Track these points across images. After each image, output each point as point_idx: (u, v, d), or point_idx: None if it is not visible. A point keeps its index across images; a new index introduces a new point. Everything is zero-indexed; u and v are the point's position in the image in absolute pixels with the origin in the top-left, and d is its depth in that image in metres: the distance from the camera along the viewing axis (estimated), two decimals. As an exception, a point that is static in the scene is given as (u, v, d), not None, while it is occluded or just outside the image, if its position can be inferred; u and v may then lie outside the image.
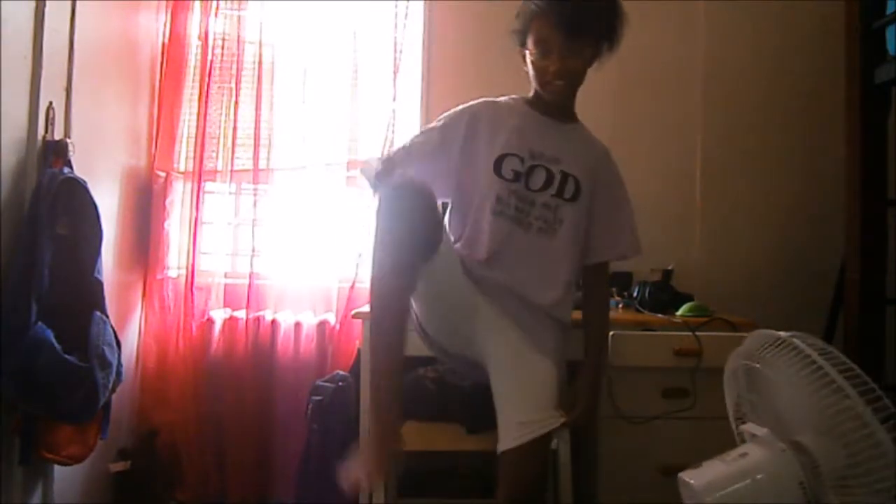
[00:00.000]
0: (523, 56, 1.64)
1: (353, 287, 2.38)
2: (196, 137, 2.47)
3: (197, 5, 2.51)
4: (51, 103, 1.82)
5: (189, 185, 2.48)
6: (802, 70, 2.56)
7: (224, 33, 2.50)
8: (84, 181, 1.84)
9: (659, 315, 2.07)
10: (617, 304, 2.24)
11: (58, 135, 1.85)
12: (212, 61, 2.47)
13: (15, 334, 1.62)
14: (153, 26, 2.47)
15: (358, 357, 2.25)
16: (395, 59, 2.47)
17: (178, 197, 2.49)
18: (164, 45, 2.50)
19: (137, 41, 2.39)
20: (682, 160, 2.59)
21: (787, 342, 1.17)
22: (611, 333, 1.87)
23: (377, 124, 2.47)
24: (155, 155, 2.48)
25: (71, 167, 1.83)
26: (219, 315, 2.45)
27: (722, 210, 2.58)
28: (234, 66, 2.47)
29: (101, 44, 2.11)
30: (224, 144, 2.48)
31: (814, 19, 2.52)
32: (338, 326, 2.40)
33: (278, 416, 2.38)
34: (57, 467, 1.85)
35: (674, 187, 2.57)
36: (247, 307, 2.43)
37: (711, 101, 2.58)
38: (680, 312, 2.11)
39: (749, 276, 2.54)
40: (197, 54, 2.51)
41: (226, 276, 2.50)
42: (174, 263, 2.47)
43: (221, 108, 2.48)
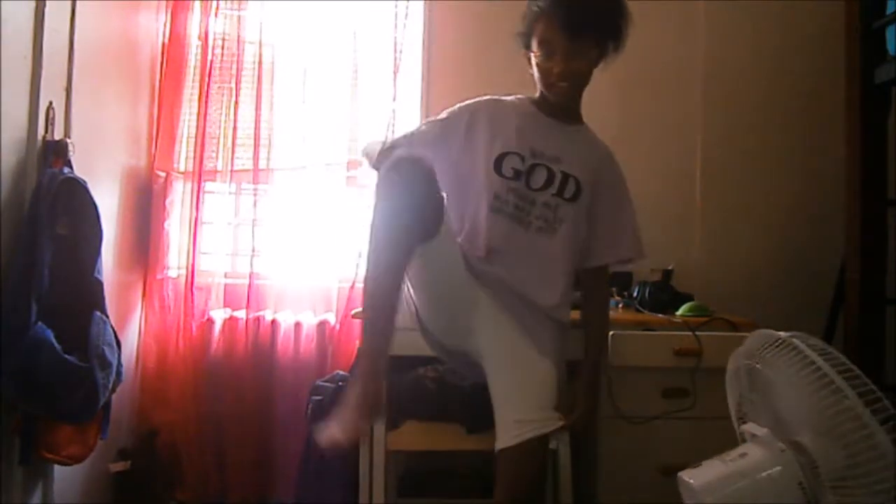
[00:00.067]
0: (528, 58, 1.64)
1: (353, 287, 2.38)
2: (196, 137, 2.47)
3: (197, 5, 2.51)
4: (51, 103, 1.82)
5: (189, 185, 2.48)
6: (802, 70, 2.56)
7: (224, 33, 2.50)
8: (84, 181, 1.84)
9: (659, 315, 2.07)
10: (617, 304, 2.24)
11: (58, 135, 1.85)
12: (212, 61, 2.47)
13: (15, 334, 1.62)
14: (153, 26, 2.47)
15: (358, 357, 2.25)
16: (395, 59, 2.47)
17: (178, 197, 2.49)
18: (164, 45, 2.50)
19: (137, 41, 2.39)
20: (682, 160, 2.59)
21: (786, 342, 1.17)
22: (611, 333, 1.87)
23: (377, 124, 2.46)
24: (155, 155, 2.48)
25: (71, 167, 1.83)
26: (219, 315, 2.45)
27: (722, 210, 2.58)
28: (234, 66, 2.47)
29: (101, 44, 2.11)
30: (224, 144, 2.48)
31: (814, 19, 2.52)
32: (338, 326, 2.40)
33: (278, 416, 2.38)
34: (57, 467, 1.85)
35: (674, 187, 2.57)
36: (247, 307, 2.43)
37: (711, 101, 2.58)
38: (680, 312, 2.11)
39: (749, 276, 2.54)
40: (197, 54, 2.51)
41: (226, 276, 2.50)
42: (174, 263, 2.47)
43: (221, 108, 2.48)
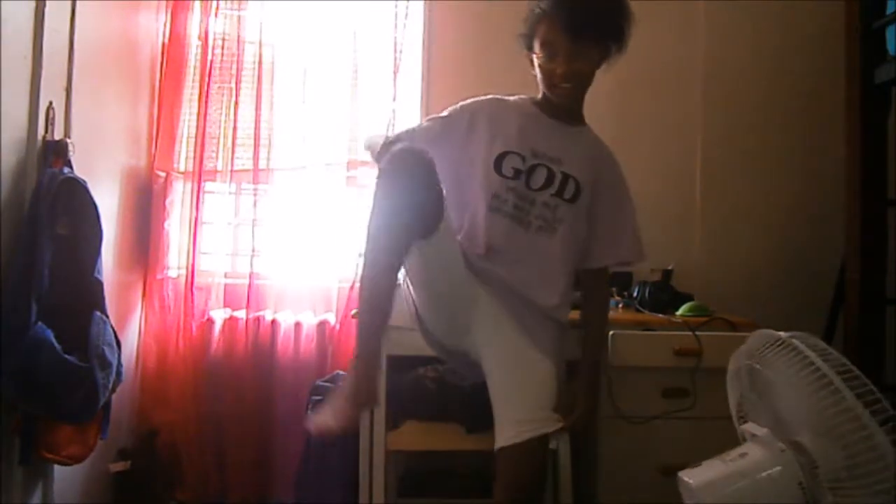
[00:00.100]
0: (531, 60, 1.64)
1: (353, 287, 2.38)
2: (196, 137, 2.47)
3: (197, 5, 2.51)
4: (51, 103, 1.82)
5: (189, 185, 2.48)
6: (802, 70, 2.56)
7: (224, 33, 2.50)
8: (84, 181, 1.84)
9: (659, 315, 2.07)
10: (617, 304, 2.24)
11: (58, 135, 1.85)
12: (212, 61, 2.47)
13: (15, 334, 1.62)
14: (153, 26, 2.47)
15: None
16: (395, 59, 2.47)
17: (178, 197, 2.49)
18: (164, 45, 2.50)
19: (137, 41, 2.39)
20: (682, 160, 2.59)
21: (786, 343, 1.17)
22: (611, 333, 1.87)
23: (377, 124, 2.46)
24: (155, 155, 2.48)
25: (71, 167, 1.83)
26: (219, 315, 2.45)
27: (722, 210, 2.57)
28: (234, 66, 2.47)
29: (101, 44, 2.11)
30: (224, 144, 2.48)
31: (814, 19, 2.52)
32: (338, 326, 2.40)
33: (278, 416, 2.38)
34: (57, 467, 1.85)
35: (674, 187, 2.57)
36: (247, 307, 2.43)
37: (711, 101, 2.58)
38: (680, 312, 2.11)
39: (749, 276, 2.54)
40: (197, 54, 2.51)
41: (226, 276, 2.50)
42: (174, 263, 2.47)
43: (221, 108, 2.48)
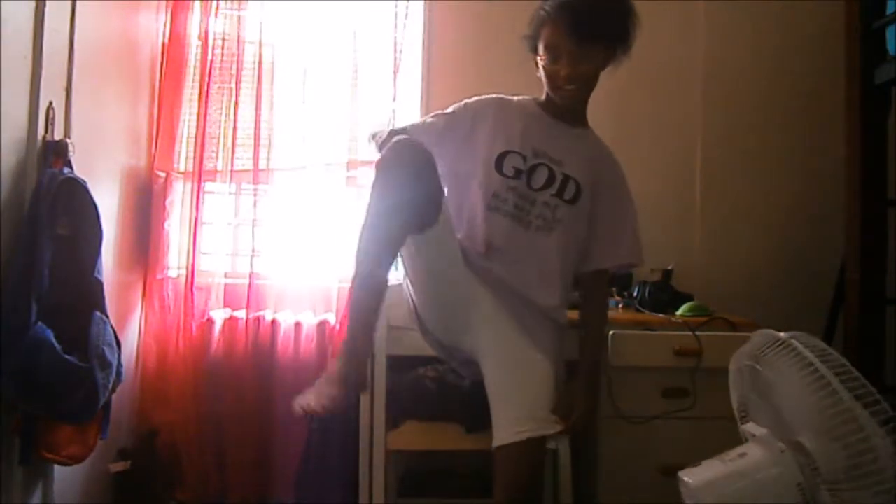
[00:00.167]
0: (535, 62, 1.65)
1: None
2: (196, 137, 2.46)
3: (197, 5, 2.51)
4: (51, 103, 1.82)
5: (189, 185, 2.48)
6: (802, 70, 2.56)
7: (224, 33, 2.49)
8: (84, 181, 1.83)
9: (659, 315, 2.07)
10: (617, 304, 2.25)
11: (58, 135, 1.84)
12: (212, 61, 2.46)
13: (15, 334, 1.62)
14: (153, 26, 2.47)
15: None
16: (395, 59, 2.47)
17: (178, 197, 2.49)
18: (164, 45, 2.49)
19: (137, 41, 2.39)
20: (682, 160, 2.59)
21: (786, 343, 1.17)
22: (611, 333, 1.87)
23: (377, 124, 2.46)
24: (155, 155, 2.47)
25: (71, 167, 1.83)
26: (219, 315, 2.44)
27: (722, 210, 2.58)
28: (234, 66, 2.47)
29: (101, 44, 2.11)
30: (224, 144, 2.48)
31: (814, 19, 2.52)
32: (338, 326, 2.40)
33: (278, 416, 2.37)
34: (57, 467, 1.85)
35: (674, 187, 2.57)
36: (247, 307, 2.42)
37: (711, 101, 2.58)
38: (680, 312, 2.11)
39: (749, 276, 2.54)
40: (197, 54, 2.50)
41: (226, 276, 2.50)
42: (174, 263, 2.46)
43: (221, 108, 2.48)
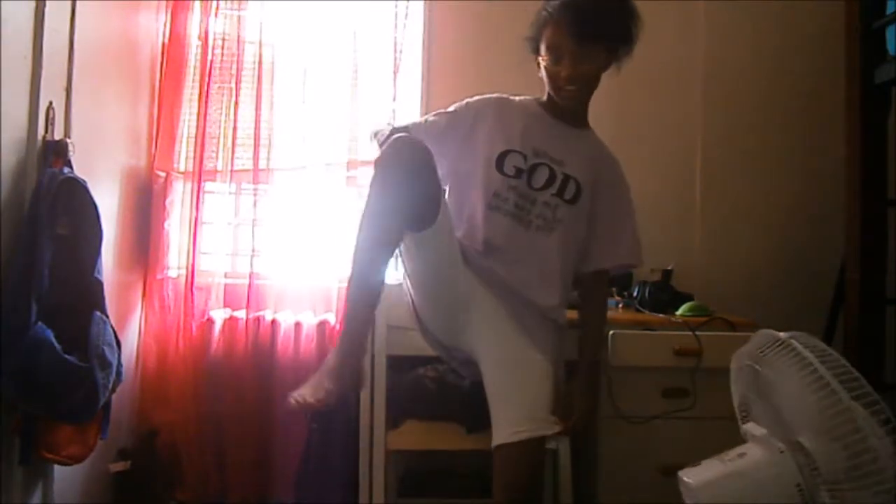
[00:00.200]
0: (538, 63, 1.65)
1: (352, 287, 2.38)
2: (196, 137, 2.46)
3: (197, 5, 2.50)
4: (51, 103, 1.82)
5: (189, 185, 2.47)
6: (802, 70, 2.56)
7: (224, 33, 2.49)
8: (84, 181, 1.83)
9: (659, 315, 2.07)
10: (617, 304, 2.25)
11: (58, 135, 1.84)
12: (212, 61, 2.46)
13: (15, 334, 1.61)
14: (153, 26, 2.47)
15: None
16: (395, 59, 2.47)
17: (178, 197, 2.48)
18: (164, 45, 2.49)
19: (137, 41, 2.39)
20: (682, 160, 2.59)
21: (785, 343, 1.17)
22: (611, 333, 1.88)
23: (379, 123, 2.46)
24: (155, 155, 2.47)
25: (71, 167, 1.83)
26: (219, 315, 2.44)
27: (722, 210, 2.58)
28: (234, 66, 2.47)
29: (101, 44, 2.11)
30: (224, 144, 2.48)
31: (814, 19, 2.53)
32: (338, 326, 2.40)
33: (278, 416, 2.37)
34: (57, 467, 1.85)
35: (674, 187, 2.57)
36: (247, 307, 2.42)
37: (711, 101, 2.58)
38: (680, 312, 2.11)
39: (749, 276, 2.54)
40: (197, 54, 2.50)
41: (226, 276, 2.49)
42: (174, 263, 2.46)
43: (221, 108, 2.47)
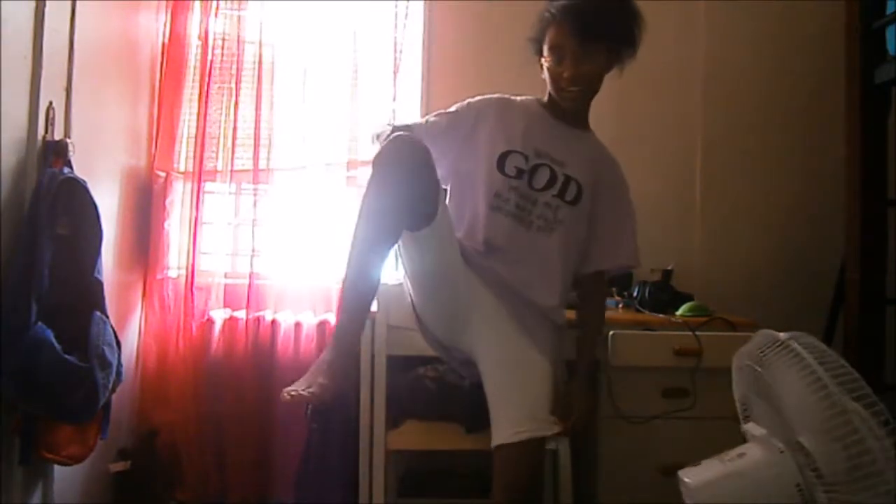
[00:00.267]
0: (540, 64, 1.65)
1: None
2: (196, 137, 2.46)
3: (197, 5, 2.50)
4: (51, 103, 1.82)
5: (189, 185, 2.48)
6: (802, 70, 2.56)
7: (224, 33, 2.49)
8: (84, 181, 1.83)
9: (659, 315, 2.07)
10: (617, 304, 2.25)
11: (58, 135, 1.84)
12: (212, 61, 2.46)
13: (15, 334, 1.62)
14: (153, 26, 2.47)
15: (357, 357, 2.25)
16: (395, 59, 2.47)
17: (178, 197, 2.49)
18: (164, 45, 2.49)
19: (137, 41, 2.39)
20: (682, 160, 2.59)
21: (785, 343, 1.17)
22: (611, 333, 1.88)
23: (377, 124, 2.46)
24: (155, 155, 2.47)
25: (71, 167, 1.83)
26: (219, 315, 2.44)
27: (722, 210, 2.58)
28: (234, 66, 2.47)
29: (101, 44, 2.11)
30: (224, 144, 2.48)
31: (814, 19, 2.52)
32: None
33: (278, 416, 2.37)
34: (57, 467, 1.85)
35: (674, 187, 2.57)
36: (247, 307, 2.42)
37: (711, 101, 2.58)
38: (680, 312, 2.11)
39: (749, 276, 2.54)
40: (197, 54, 2.50)
41: (226, 276, 2.50)
42: (174, 263, 2.46)
43: (221, 108, 2.48)
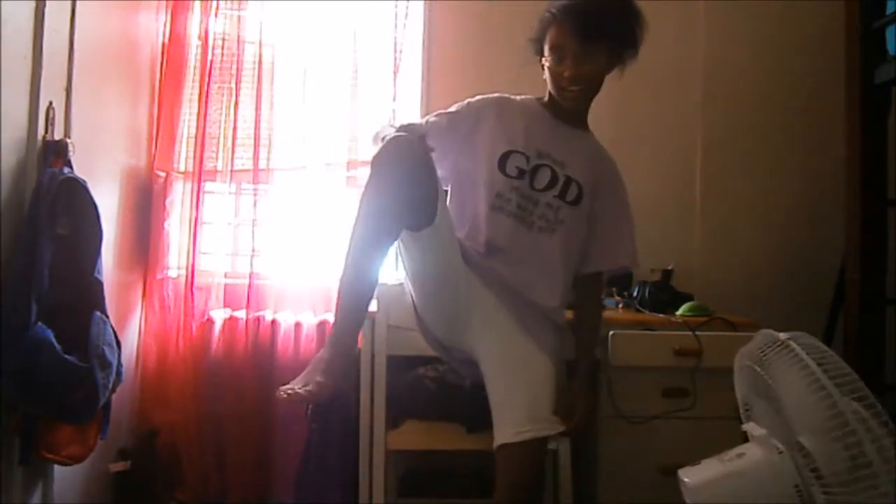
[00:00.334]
0: (542, 65, 1.65)
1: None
2: (196, 137, 2.46)
3: (197, 5, 2.51)
4: (51, 103, 1.82)
5: (189, 185, 2.48)
6: (802, 70, 2.56)
7: (224, 33, 2.49)
8: (84, 181, 1.83)
9: (659, 315, 2.07)
10: (617, 304, 2.25)
11: (58, 135, 1.84)
12: (212, 61, 2.46)
13: (15, 334, 1.61)
14: (153, 26, 2.47)
15: (357, 357, 2.25)
16: (395, 59, 2.48)
17: (178, 197, 2.49)
18: (164, 45, 2.50)
19: (137, 41, 2.39)
20: (682, 160, 2.59)
21: (785, 344, 1.17)
22: (611, 333, 1.88)
23: (377, 124, 2.46)
24: (155, 155, 2.47)
25: (71, 167, 1.83)
26: (219, 315, 2.44)
27: (722, 210, 2.58)
28: (234, 66, 2.47)
29: (101, 44, 2.11)
30: (224, 144, 2.48)
31: (814, 19, 2.53)
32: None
33: (278, 416, 2.37)
34: (57, 467, 1.85)
35: (674, 187, 2.58)
36: (247, 307, 2.42)
37: (711, 101, 2.59)
38: (680, 312, 2.11)
39: (749, 276, 2.54)
40: (197, 54, 2.50)
41: (226, 276, 2.50)
42: (174, 263, 2.46)
43: (221, 108, 2.48)
